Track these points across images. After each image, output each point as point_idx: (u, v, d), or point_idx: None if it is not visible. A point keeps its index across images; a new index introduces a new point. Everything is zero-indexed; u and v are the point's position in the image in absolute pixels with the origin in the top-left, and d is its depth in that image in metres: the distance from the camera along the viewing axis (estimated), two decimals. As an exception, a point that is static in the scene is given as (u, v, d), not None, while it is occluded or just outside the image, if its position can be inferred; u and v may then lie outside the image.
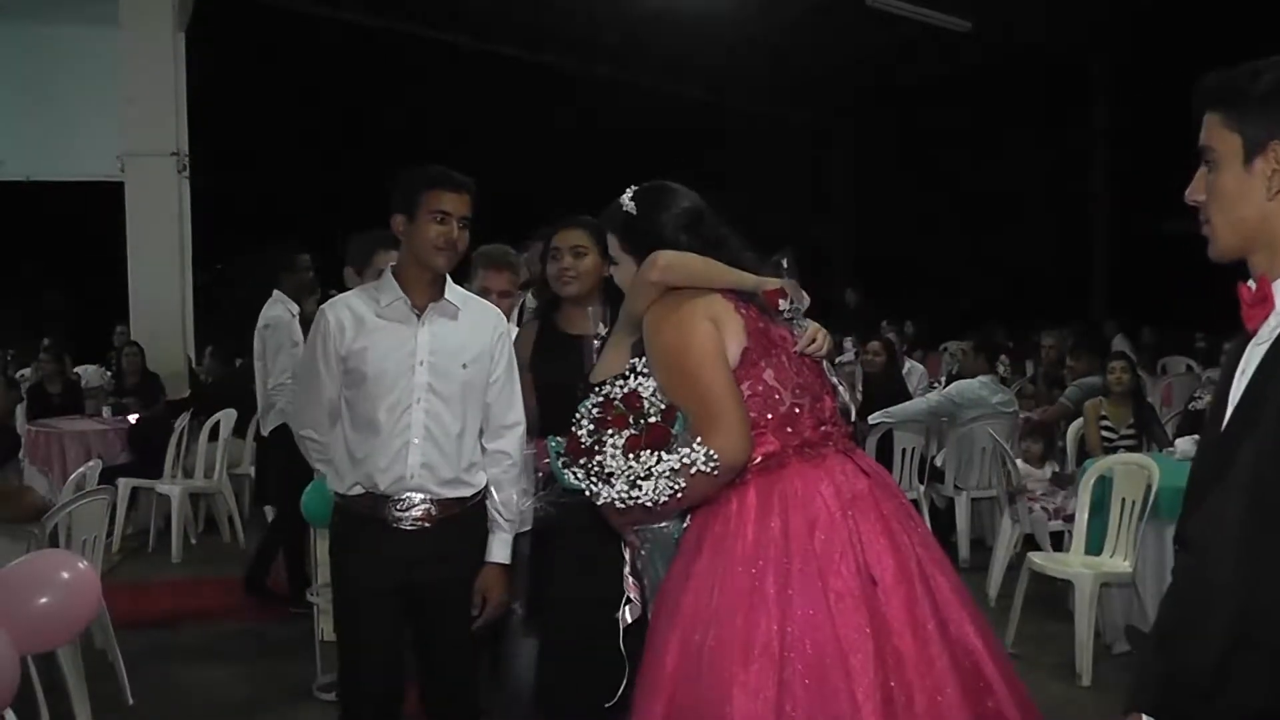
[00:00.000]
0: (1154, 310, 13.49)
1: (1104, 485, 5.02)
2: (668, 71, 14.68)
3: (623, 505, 2.14)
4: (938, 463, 6.99)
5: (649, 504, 2.10)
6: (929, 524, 6.70)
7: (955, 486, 6.80)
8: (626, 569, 2.41)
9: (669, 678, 2.11)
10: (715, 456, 2.11)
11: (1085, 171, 15.79)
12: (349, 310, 2.96)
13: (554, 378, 3.16)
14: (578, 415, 2.24)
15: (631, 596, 2.40)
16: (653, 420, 2.17)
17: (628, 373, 2.28)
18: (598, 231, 3.25)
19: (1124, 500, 4.89)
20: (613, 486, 2.13)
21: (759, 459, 2.20)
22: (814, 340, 2.37)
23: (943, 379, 9.03)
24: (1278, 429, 1.48)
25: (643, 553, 2.35)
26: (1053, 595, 5.39)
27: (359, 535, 2.92)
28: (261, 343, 5.44)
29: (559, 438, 2.28)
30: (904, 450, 6.72)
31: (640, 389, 2.22)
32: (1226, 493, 1.53)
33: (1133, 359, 6.76)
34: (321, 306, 3.08)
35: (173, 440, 7.23)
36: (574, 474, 2.19)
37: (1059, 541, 5.58)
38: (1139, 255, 14.54)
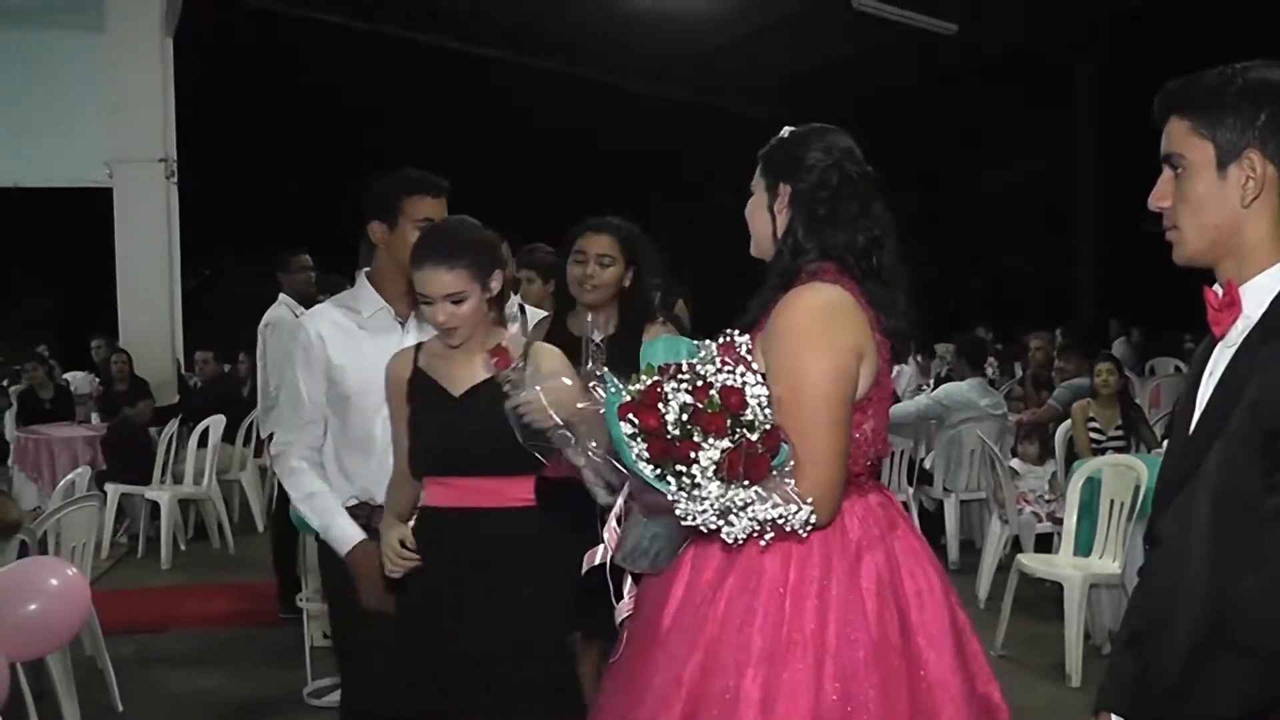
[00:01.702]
0: (1141, 311, 13.54)
1: (1092, 486, 5.04)
2: (654, 74, 14.69)
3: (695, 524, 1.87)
4: (926, 465, 7.01)
5: (727, 539, 1.87)
6: (918, 526, 6.76)
7: (944, 489, 6.82)
8: (612, 514, 2.14)
9: (687, 693, 1.96)
10: (813, 522, 1.87)
11: (1071, 173, 15.85)
12: (330, 323, 2.84)
13: None
14: (654, 373, 1.90)
15: (605, 539, 2.13)
16: (754, 439, 1.84)
17: (728, 352, 1.92)
18: (626, 238, 3.29)
19: (1112, 501, 4.91)
20: (697, 505, 1.83)
21: None
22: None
23: (931, 382, 9.06)
24: (1245, 429, 1.50)
25: (644, 520, 2.08)
26: (1041, 597, 5.41)
27: None
28: (263, 343, 5.43)
29: (623, 386, 1.92)
30: (893, 452, 6.73)
31: (745, 388, 1.87)
32: (1196, 492, 1.55)
33: (1119, 360, 6.78)
34: (300, 319, 3.04)
35: (161, 446, 7.22)
36: (648, 464, 1.86)
37: (1048, 543, 5.61)
38: (1125, 256, 14.60)
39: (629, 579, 2.16)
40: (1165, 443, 5.66)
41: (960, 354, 7.20)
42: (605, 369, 1.97)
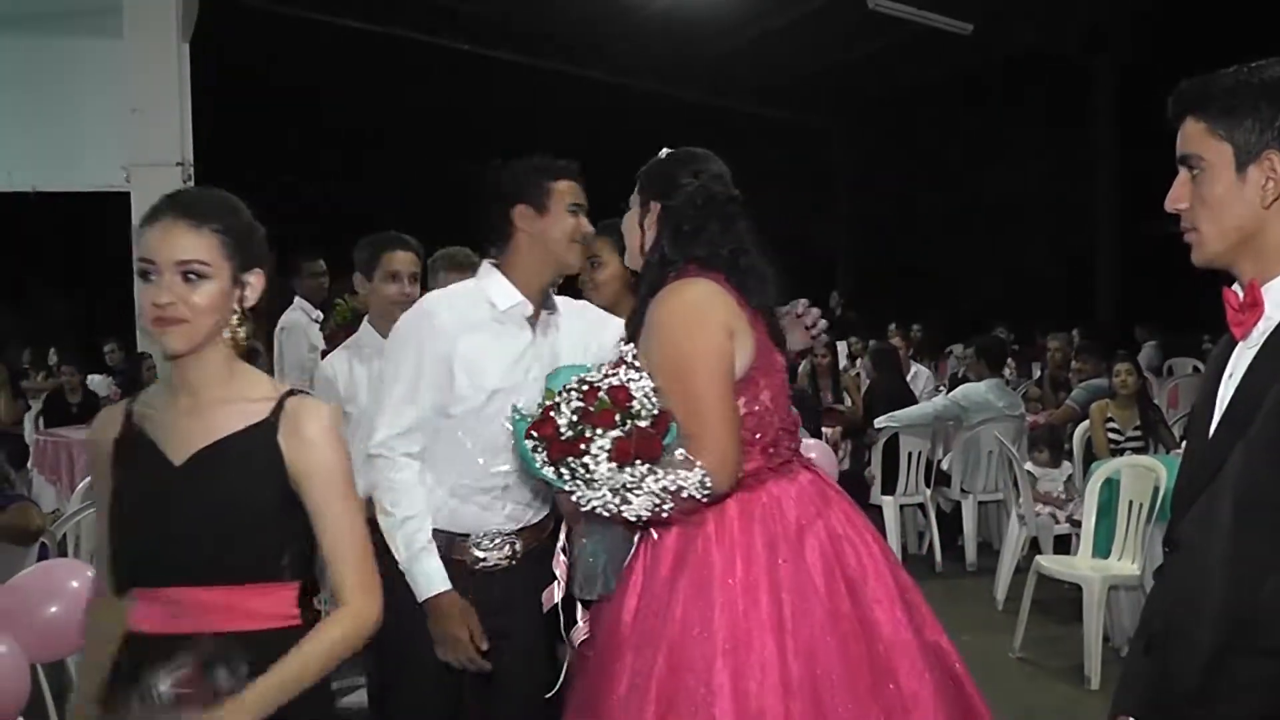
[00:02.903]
0: (1160, 312, 13.46)
1: (1111, 487, 5.02)
2: (668, 74, 14.68)
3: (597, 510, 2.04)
4: (944, 466, 6.98)
5: (630, 517, 2.02)
6: (935, 528, 6.75)
7: (962, 490, 6.80)
8: (559, 545, 2.29)
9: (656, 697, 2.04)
10: (709, 484, 2.04)
11: (1089, 173, 15.77)
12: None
13: None
14: (554, 396, 2.05)
15: (558, 575, 2.27)
16: (643, 425, 2.02)
17: (616, 362, 2.11)
18: (619, 236, 3.23)
19: (1131, 503, 4.89)
20: (595, 491, 2.00)
21: (742, 475, 2.17)
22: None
23: (947, 382, 9.03)
24: (1268, 431, 1.49)
25: (584, 540, 2.21)
26: (1059, 599, 5.38)
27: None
28: (278, 345, 5.48)
29: (521, 409, 2.09)
30: (910, 454, 6.71)
31: (630, 385, 2.04)
32: (1217, 495, 1.53)
33: (1139, 362, 6.75)
34: (424, 307, 3.02)
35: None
36: (549, 466, 2.03)
37: (1066, 545, 5.58)
38: (1143, 257, 14.52)
39: (579, 605, 2.29)
40: (1184, 444, 5.65)
41: (980, 354, 7.18)
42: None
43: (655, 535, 2.18)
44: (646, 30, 12.68)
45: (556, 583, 2.27)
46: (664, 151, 2.39)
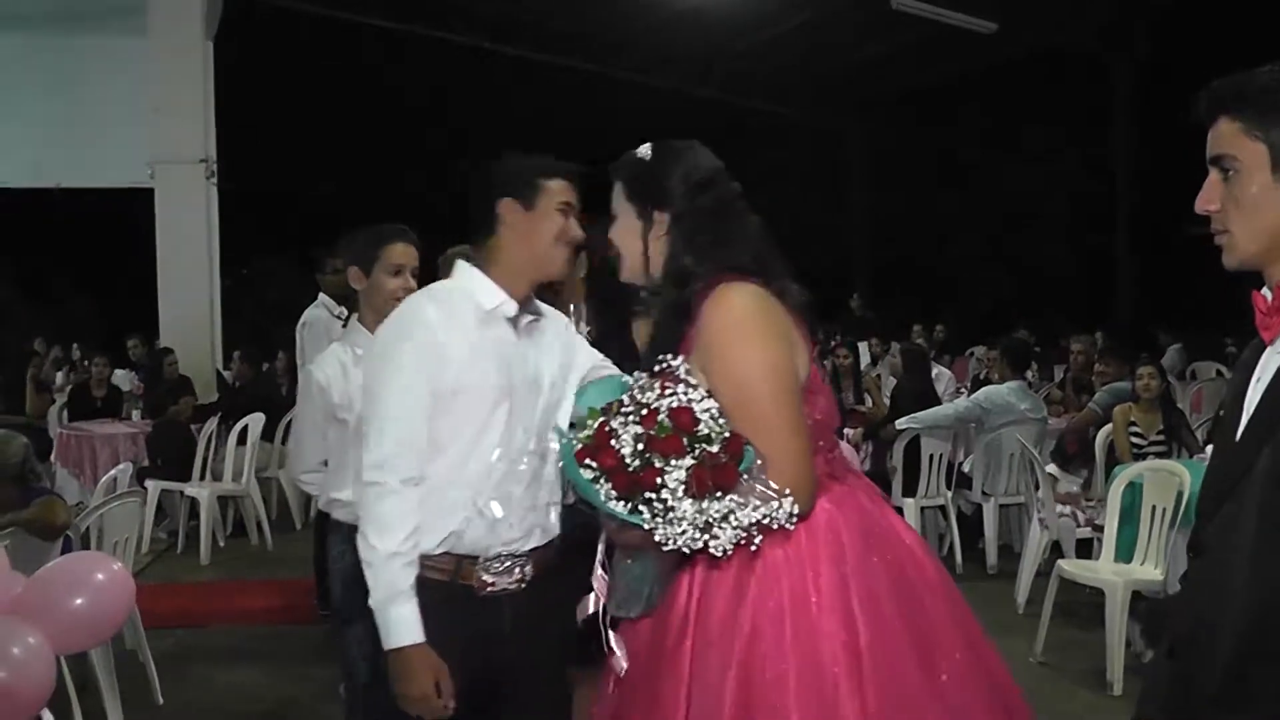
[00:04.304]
0: (1179, 313, 13.38)
1: (1134, 492, 4.98)
2: (688, 73, 14.69)
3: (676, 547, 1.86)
4: (965, 469, 6.95)
5: (716, 552, 1.86)
6: (956, 531, 6.72)
7: (983, 493, 6.77)
8: (598, 559, 2.14)
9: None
10: (797, 513, 1.88)
11: (1109, 173, 15.69)
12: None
13: None
14: (597, 417, 1.90)
15: (596, 589, 2.12)
16: (715, 450, 1.84)
17: (666, 377, 1.91)
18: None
19: (1154, 507, 4.85)
20: (675, 528, 1.83)
21: None
22: None
23: (969, 384, 8.99)
24: None
25: (628, 560, 2.07)
26: (1080, 603, 5.35)
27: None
28: (300, 341, 5.49)
29: (568, 433, 1.96)
30: (931, 456, 6.69)
31: (694, 406, 1.86)
32: (1243, 499, 1.51)
33: (1162, 365, 6.70)
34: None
35: (201, 444, 7.30)
36: (617, 501, 1.86)
37: (1087, 549, 5.54)
38: (1164, 258, 14.44)
39: (612, 633, 2.12)
40: (1209, 448, 5.60)
41: (1004, 355, 7.14)
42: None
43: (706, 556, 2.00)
44: (666, 29, 12.68)
45: (594, 595, 2.13)
46: (646, 149, 2.19)
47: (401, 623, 2.20)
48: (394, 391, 2.25)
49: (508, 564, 2.31)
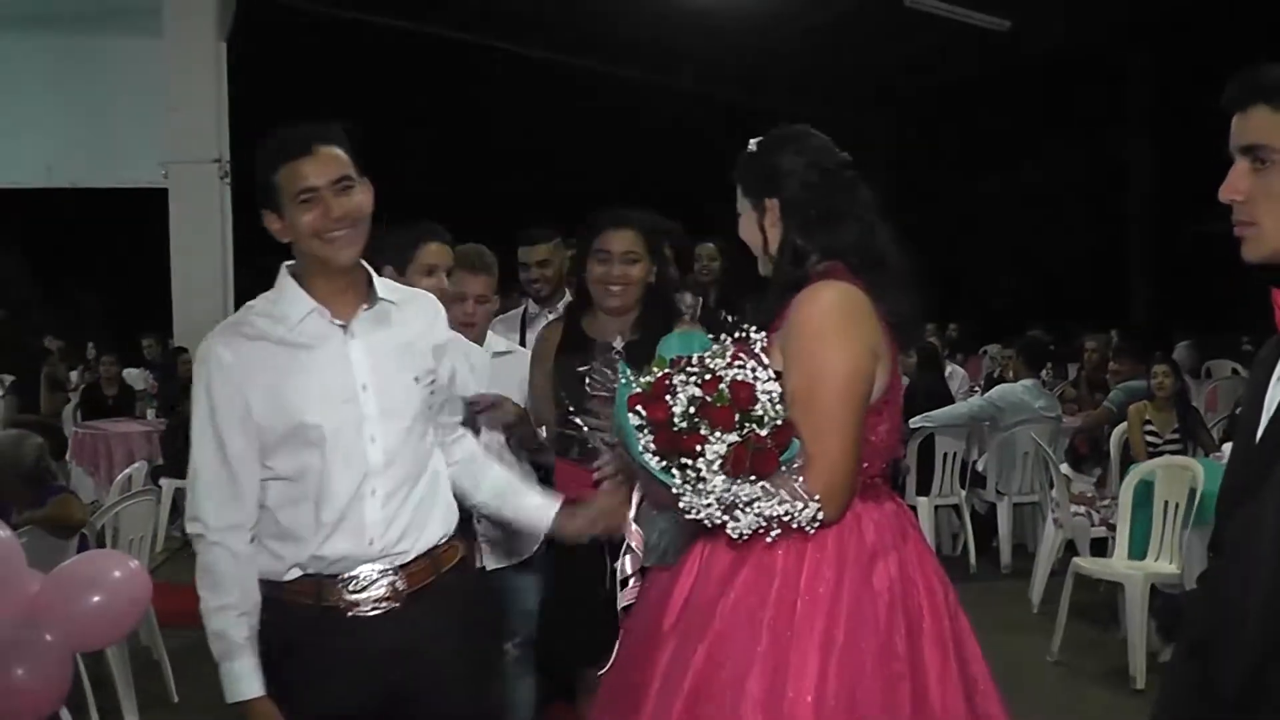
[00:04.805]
0: (1195, 312, 13.31)
1: (1147, 489, 4.96)
2: (703, 73, 14.68)
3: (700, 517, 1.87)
4: (979, 468, 6.93)
5: (732, 534, 1.88)
6: (970, 530, 6.70)
7: (997, 491, 6.74)
8: (631, 513, 2.14)
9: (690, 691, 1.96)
10: (819, 519, 1.88)
11: (1125, 171, 15.62)
12: (240, 341, 2.86)
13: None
14: (665, 366, 1.89)
15: (632, 545, 2.14)
16: (763, 434, 1.82)
17: (738, 348, 1.91)
18: (648, 232, 3.03)
19: (1166, 503, 4.83)
20: (701, 499, 1.84)
21: None
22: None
23: (983, 382, 8.96)
24: None
25: (654, 513, 2.11)
26: (1094, 603, 5.33)
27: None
28: None
29: (633, 375, 1.94)
30: (945, 455, 6.67)
31: (757, 384, 1.85)
32: (1264, 499, 1.49)
33: (1176, 363, 6.67)
34: (209, 340, 2.53)
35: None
36: (652, 455, 1.86)
37: (1102, 548, 5.52)
38: (1180, 257, 14.37)
39: (633, 570, 2.15)
40: (1225, 446, 5.59)
41: (1020, 353, 7.12)
42: (627, 370, 1.98)
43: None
44: (683, 29, 12.67)
45: (630, 554, 2.13)
46: (752, 144, 2.19)
47: (239, 678, 2.09)
48: (194, 439, 2.15)
49: (376, 578, 2.13)
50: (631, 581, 2.14)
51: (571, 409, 2.91)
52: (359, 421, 2.12)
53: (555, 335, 3.16)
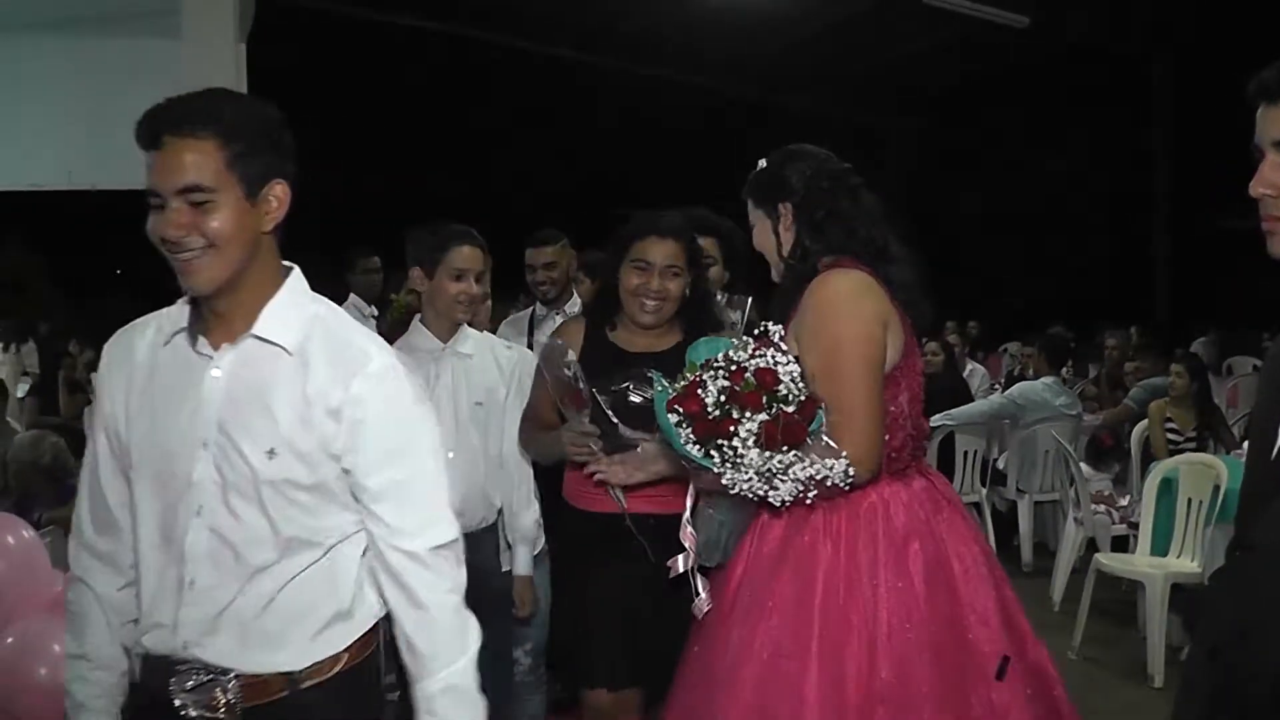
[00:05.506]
0: (1218, 309, 13.21)
1: (1169, 487, 4.93)
2: (721, 72, 14.65)
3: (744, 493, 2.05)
4: (1000, 465, 6.90)
5: (775, 502, 2.06)
6: (990, 528, 6.66)
7: (1018, 489, 6.71)
8: (684, 518, 2.30)
9: (747, 683, 2.11)
10: (852, 474, 2.05)
11: (1145, 168, 15.51)
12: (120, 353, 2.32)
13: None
14: (695, 369, 2.08)
15: (686, 545, 2.29)
16: (790, 410, 2.01)
17: (759, 342, 2.09)
18: (691, 243, 2.80)
19: (1189, 500, 4.80)
20: (742, 474, 2.02)
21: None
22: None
23: (1003, 380, 8.91)
24: None
25: (710, 510, 2.27)
26: (1116, 600, 5.31)
27: None
28: None
29: (665, 380, 2.16)
30: (965, 453, 6.64)
31: (779, 368, 2.04)
32: None
33: (1200, 360, 6.61)
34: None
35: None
36: (694, 444, 2.05)
37: (1123, 546, 5.49)
38: (1203, 255, 14.26)
39: (702, 578, 2.31)
40: (1247, 443, 5.53)
41: (1041, 350, 7.08)
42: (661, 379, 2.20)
43: (765, 517, 2.22)
44: (702, 27, 12.66)
45: (683, 555, 2.29)
46: (762, 162, 2.41)
47: None
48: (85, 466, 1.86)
49: (201, 679, 1.64)
50: (702, 589, 2.29)
51: (601, 396, 2.63)
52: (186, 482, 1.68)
53: (574, 337, 2.84)
